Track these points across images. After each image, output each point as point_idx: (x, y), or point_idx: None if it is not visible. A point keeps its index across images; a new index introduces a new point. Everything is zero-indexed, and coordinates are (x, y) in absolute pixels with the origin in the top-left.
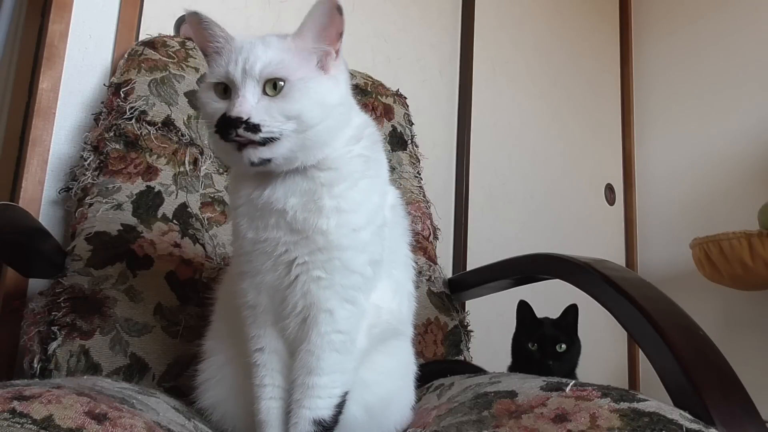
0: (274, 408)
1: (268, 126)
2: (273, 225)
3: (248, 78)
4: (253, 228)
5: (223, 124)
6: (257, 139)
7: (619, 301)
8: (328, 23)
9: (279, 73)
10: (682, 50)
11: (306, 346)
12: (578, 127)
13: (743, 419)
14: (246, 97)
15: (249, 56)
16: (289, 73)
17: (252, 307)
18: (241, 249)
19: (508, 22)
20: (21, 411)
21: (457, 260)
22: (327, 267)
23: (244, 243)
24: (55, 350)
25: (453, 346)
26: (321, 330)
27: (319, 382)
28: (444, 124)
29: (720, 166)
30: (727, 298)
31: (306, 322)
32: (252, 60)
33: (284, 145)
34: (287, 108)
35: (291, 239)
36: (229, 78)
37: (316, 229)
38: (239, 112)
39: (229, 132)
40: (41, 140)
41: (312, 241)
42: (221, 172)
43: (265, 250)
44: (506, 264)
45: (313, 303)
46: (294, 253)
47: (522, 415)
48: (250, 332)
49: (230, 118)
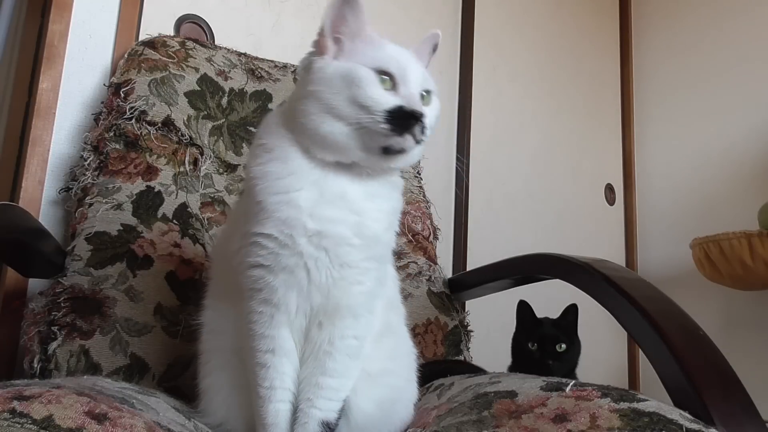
0: (283, 411)
1: (428, 130)
2: (342, 222)
3: (417, 79)
4: (316, 218)
5: (404, 116)
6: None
7: (619, 301)
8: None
9: (430, 85)
10: (682, 50)
11: (327, 348)
12: (578, 127)
13: (743, 419)
14: (416, 96)
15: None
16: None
17: (275, 305)
18: (289, 240)
19: (508, 22)
20: (21, 411)
21: (457, 260)
22: (369, 275)
23: (297, 233)
24: (55, 350)
25: (453, 346)
26: (344, 333)
27: (332, 383)
28: (444, 124)
29: (720, 166)
30: (727, 298)
31: (334, 324)
32: (414, 64)
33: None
34: (432, 116)
35: (356, 242)
36: (401, 72)
37: (378, 240)
38: (422, 109)
39: (409, 126)
40: (41, 140)
41: (370, 248)
42: (221, 172)
43: (326, 246)
44: (506, 264)
45: (349, 306)
46: (354, 256)
47: (522, 415)
48: (264, 332)
49: (415, 112)
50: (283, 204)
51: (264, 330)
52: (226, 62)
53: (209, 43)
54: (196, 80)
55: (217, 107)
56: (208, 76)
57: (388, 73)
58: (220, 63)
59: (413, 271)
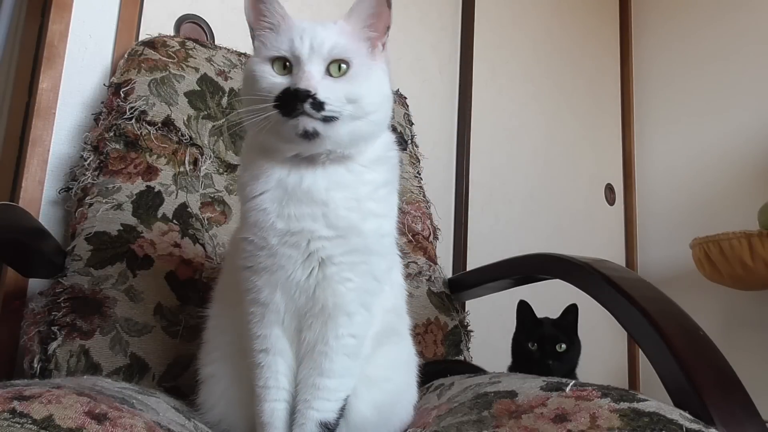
0: (278, 410)
1: (331, 105)
2: (309, 216)
3: (315, 55)
4: (283, 218)
5: (289, 98)
6: (319, 117)
7: (619, 301)
8: (376, 13)
9: (345, 55)
10: (682, 50)
11: (322, 348)
12: (578, 127)
13: (743, 419)
14: (312, 72)
15: (315, 35)
16: (353, 56)
17: (263, 305)
18: (263, 242)
19: (508, 22)
20: (21, 411)
21: (457, 260)
22: (356, 270)
23: (268, 235)
24: (55, 350)
25: (453, 346)
26: (338, 332)
27: (330, 384)
28: (444, 124)
29: (720, 166)
30: (727, 298)
31: (326, 323)
32: (320, 38)
33: (339, 126)
34: (351, 90)
35: (327, 235)
36: (294, 53)
37: (355, 230)
38: (308, 86)
39: (295, 106)
40: (41, 140)
41: (348, 241)
42: (221, 172)
43: (298, 243)
44: (506, 264)
45: (337, 305)
46: (330, 251)
47: (522, 415)
48: (257, 331)
49: (298, 91)
50: (252, 209)
51: (257, 329)
52: (226, 62)
53: (209, 43)
54: (196, 80)
55: (217, 107)
56: (208, 76)
57: (281, 58)
58: (220, 63)
59: (413, 271)
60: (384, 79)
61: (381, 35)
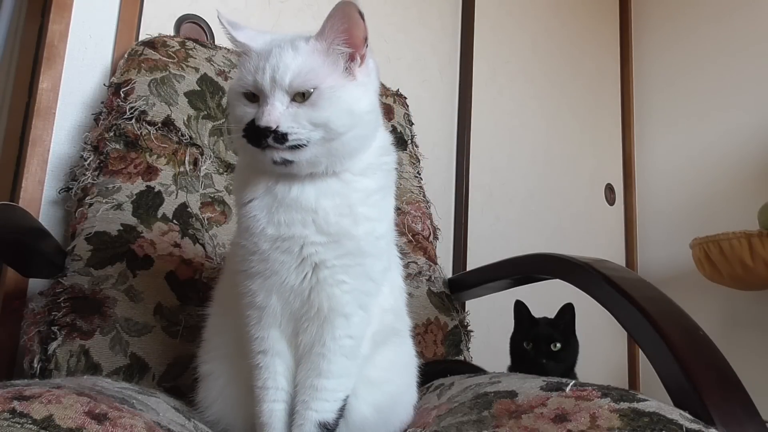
0: (277, 411)
1: (295, 134)
2: (299, 222)
3: (277, 87)
4: (273, 224)
5: (252, 132)
6: (284, 147)
7: (619, 301)
8: (349, 27)
9: (309, 84)
10: (681, 50)
11: (319, 349)
12: (578, 127)
13: (743, 419)
14: (275, 105)
15: (278, 64)
16: (319, 81)
17: (260, 308)
18: (255, 247)
19: (508, 22)
20: (21, 411)
21: (457, 260)
22: (351, 272)
23: (259, 240)
24: (55, 350)
25: (453, 346)
26: (335, 334)
27: (328, 385)
28: (444, 124)
29: (720, 166)
30: (727, 298)
31: (323, 325)
32: (282, 69)
33: (310, 151)
34: (315, 116)
35: (319, 240)
36: (257, 87)
37: (348, 234)
38: (268, 122)
39: (259, 141)
40: (41, 140)
41: (341, 245)
42: (221, 172)
43: (289, 249)
44: (506, 264)
45: (333, 307)
46: (323, 255)
47: (522, 415)
48: (254, 333)
49: (259, 128)
50: (243, 215)
51: (255, 331)
52: (226, 62)
53: (209, 43)
54: (196, 80)
55: (217, 107)
56: (208, 76)
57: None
58: (220, 63)
59: (413, 271)
60: (359, 96)
61: (359, 48)
